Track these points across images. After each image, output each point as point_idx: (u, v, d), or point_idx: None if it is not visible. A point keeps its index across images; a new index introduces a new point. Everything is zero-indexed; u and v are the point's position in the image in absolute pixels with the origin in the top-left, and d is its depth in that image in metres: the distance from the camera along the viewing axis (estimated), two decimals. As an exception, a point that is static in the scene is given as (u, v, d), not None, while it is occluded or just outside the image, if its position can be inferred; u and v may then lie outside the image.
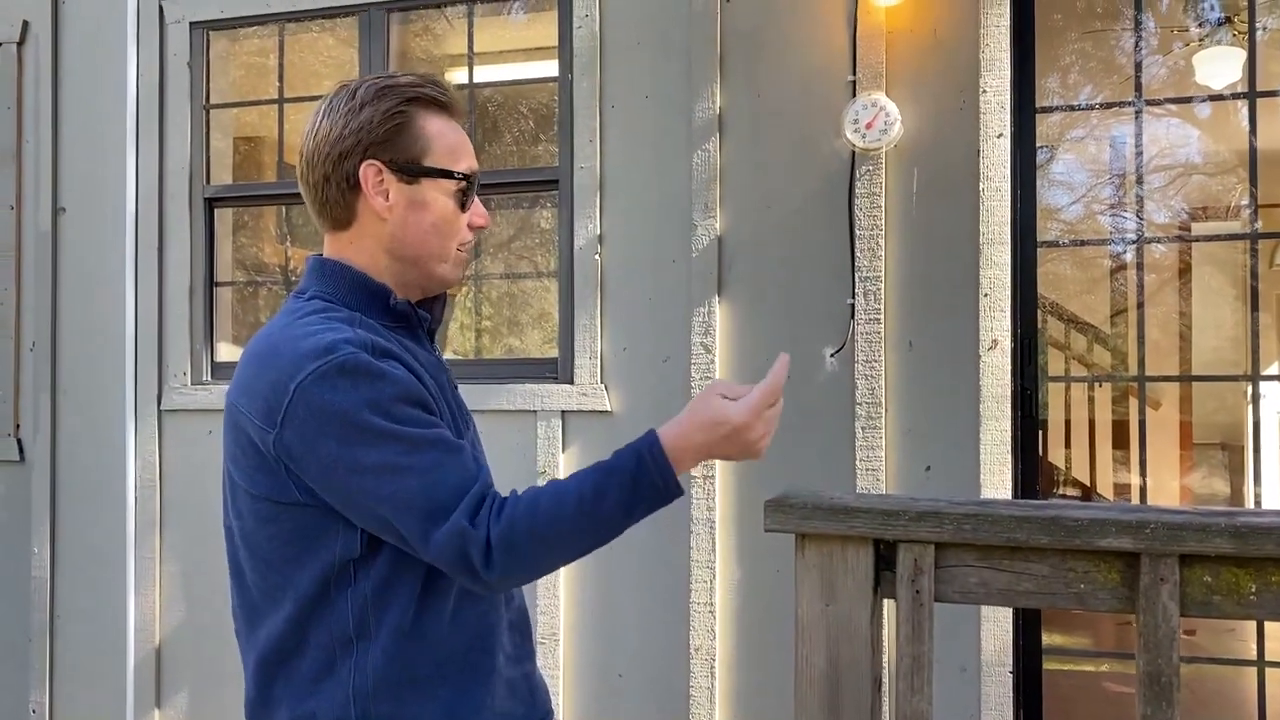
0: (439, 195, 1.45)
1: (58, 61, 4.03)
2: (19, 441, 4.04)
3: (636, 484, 1.35)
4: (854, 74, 3.22)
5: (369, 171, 1.42)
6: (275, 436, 1.31)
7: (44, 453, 3.98)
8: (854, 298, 3.20)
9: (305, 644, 1.36)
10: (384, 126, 1.42)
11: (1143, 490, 3.57)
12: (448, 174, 1.45)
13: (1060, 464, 5.86)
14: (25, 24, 4.05)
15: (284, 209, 4.41)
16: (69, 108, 4.02)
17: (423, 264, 1.46)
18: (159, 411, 3.92)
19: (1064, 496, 5.81)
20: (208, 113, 3.97)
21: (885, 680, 1.91)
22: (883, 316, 3.19)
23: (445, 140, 1.46)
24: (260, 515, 1.37)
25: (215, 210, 3.98)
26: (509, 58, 4.22)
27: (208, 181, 3.96)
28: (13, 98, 4.06)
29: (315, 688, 1.35)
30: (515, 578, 1.34)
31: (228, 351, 4.01)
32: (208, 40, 3.95)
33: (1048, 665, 3.25)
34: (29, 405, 4.03)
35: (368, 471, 1.28)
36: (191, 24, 3.93)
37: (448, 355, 5.20)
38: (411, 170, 1.43)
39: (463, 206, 1.47)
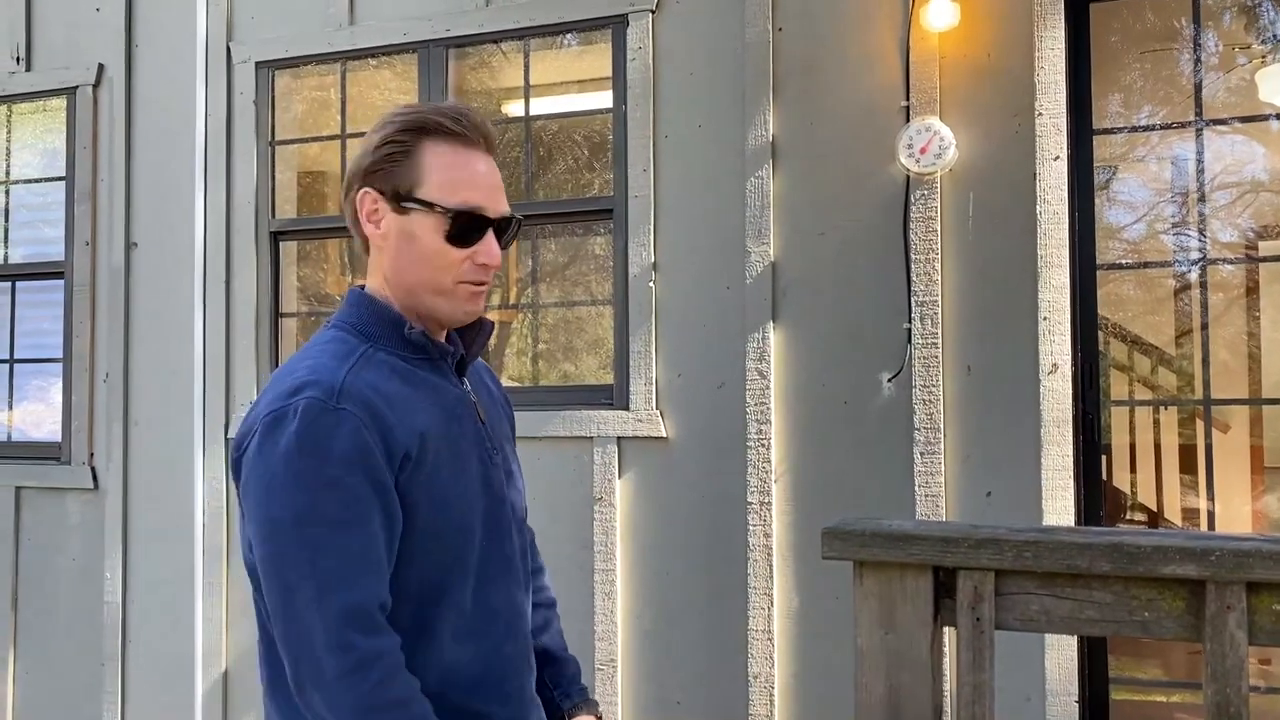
0: (425, 228, 1.41)
1: (131, 102, 4.18)
2: (93, 470, 4.16)
3: None
4: (908, 99, 3.22)
5: (364, 200, 1.43)
6: (235, 460, 1.38)
7: (116, 481, 4.10)
8: (910, 322, 3.19)
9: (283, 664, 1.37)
10: (381, 154, 1.42)
11: (1211, 515, 3.49)
12: (434, 206, 1.41)
13: (1126, 489, 5.74)
14: (101, 67, 4.21)
15: (346, 241, 4.51)
16: (141, 146, 4.16)
17: (417, 295, 1.44)
18: (226, 440, 4.01)
19: (1130, 522, 5.69)
20: (273, 148, 4.09)
21: (946, 708, 1.89)
22: (940, 341, 3.17)
23: (444, 172, 1.41)
24: (246, 534, 1.40)
25: (280, 243, 4.09)
26: (564, 89, 4.28)
27: (273, 215, 4.07)
28: (89, 138, 4.22)
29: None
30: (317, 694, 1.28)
31: (292, 381, 4.09)
32: (273, 79, 4.07)
33: (1116, 695, 3.18)
34: (102, 434, 4.15)
35: (264, 521, 1.31)
36: (257, 64, 4.05)
37: (505, 382, 5.26)
38: (400, 201, 1.41)
39: (456, 241, 1.41)
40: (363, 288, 1.50)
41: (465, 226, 1.41)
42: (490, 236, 1.44)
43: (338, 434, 1.30)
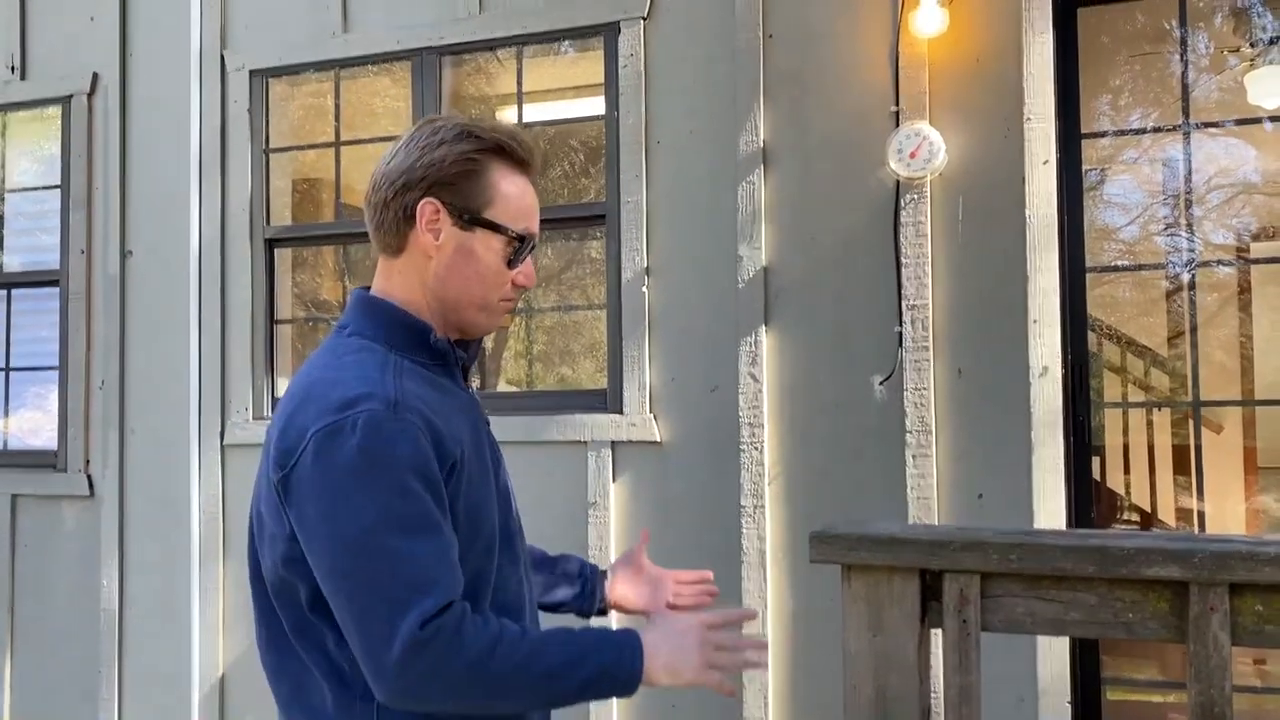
0: (489, 248, 1.46)
1: (125, 111, 4.19)
2: (89, 477, 4.17)
3: (611, 681, 1.49)
4: (897, 104, 3.24)
5: (426, 208, 1.43)
6: (281, 477, 1.34)
7: (113, 488, 4.11)
8: (901, 326, 3.21)
9: (318, 678, 1.37)
10: (454, 169, 1.43)
11: (1203, 516, 3.51)
12: (503, 230, 1.46)
13: (1120, 490, 5.77)
14: (95, 75, 4.22)
15: (342, 247, 4.52)
16: (136, 155, 4.17)
17: (460, 309, 1.48)
18: (222, 446, 4.02)
19: (1123, 523, 5.70)
20: (267, 156, 4.10)
21: (935, 710, 1.90)
22: (931, 344, 3.19)
23: (512, 198, 1.47)
24: (277, 549, 1.38)
25: (275, 250, 4.10)
26: (557, 95, 4.30)
27: (268, 222, 4.08)
28: (84, 146, 4.23)
29: None
30: (422, 692, 1.30)
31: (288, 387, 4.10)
32: (267, 87, 4.08)
33: (1109, 695, 3.19)
34: (98, 441, 4.16)
35: (338, 539, 1.29)
36: (251, 72, 4.07)
37: (501, 386, 5.28)
38: (469, 218, 1.44)
39: (510, 264, 1.48)
40: (367, 289, 1.51)
41: (521, 250, 1.48)
42: (530, 259, 1.51)
43: (402, 444, 1.30)
